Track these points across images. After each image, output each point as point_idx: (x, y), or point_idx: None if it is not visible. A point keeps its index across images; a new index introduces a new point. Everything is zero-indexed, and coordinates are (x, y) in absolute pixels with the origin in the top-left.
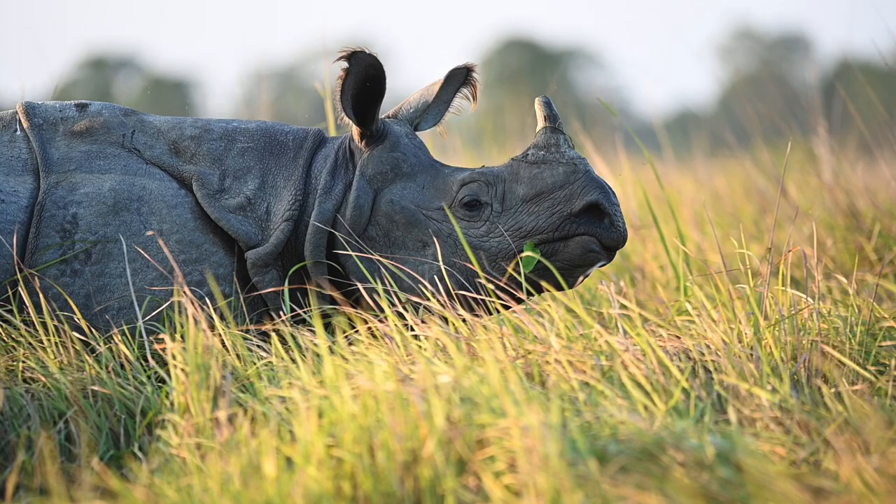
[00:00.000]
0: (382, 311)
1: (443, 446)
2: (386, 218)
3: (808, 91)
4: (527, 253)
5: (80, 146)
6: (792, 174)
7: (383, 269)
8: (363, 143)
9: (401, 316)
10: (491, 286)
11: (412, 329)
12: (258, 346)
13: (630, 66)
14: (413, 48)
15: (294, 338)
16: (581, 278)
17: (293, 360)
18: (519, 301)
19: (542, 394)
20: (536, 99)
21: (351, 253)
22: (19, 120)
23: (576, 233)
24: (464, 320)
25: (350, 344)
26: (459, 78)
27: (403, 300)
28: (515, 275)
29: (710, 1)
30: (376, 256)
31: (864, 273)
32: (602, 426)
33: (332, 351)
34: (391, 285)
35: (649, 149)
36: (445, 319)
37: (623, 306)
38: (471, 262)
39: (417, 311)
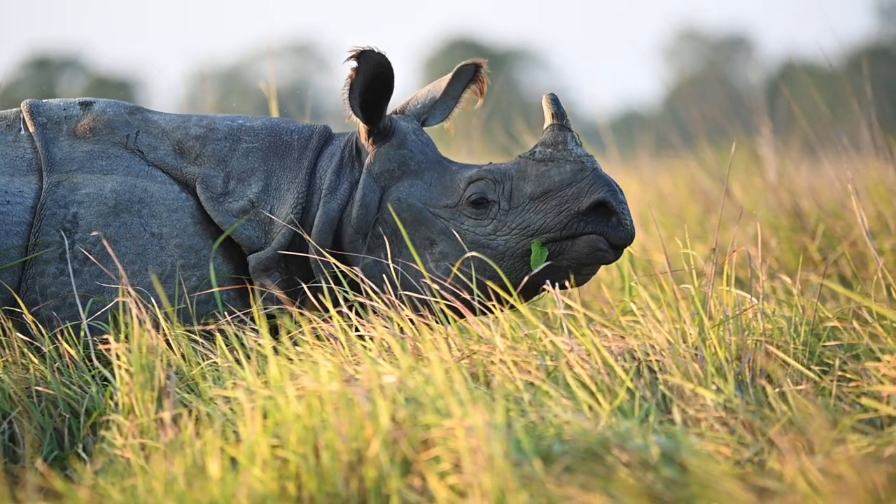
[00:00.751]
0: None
1: (388, 447)
2: (393, 216)
3: (752, 92)
4: (535, 251)
5: (83, 146)
6: (736, 174)
7: (390, 268)
8: (370, 140)
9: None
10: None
11: (357, 329)
12: (203, 346)
13: (575, 66)
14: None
15: (239, 338)
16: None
17: (238, 361)
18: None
19: (487, 394)
20: (544, 96)
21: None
22: (23, 119)
23: (583, 231)
24: (411, 321)
25: (295, 344)
26: (468, 74)
27: (403, 298)
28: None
29: (655, 2)
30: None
31: (808, 273)
32: (547, 426)
33: (276, 351)
34: (399, 284)
35: (594, 149)
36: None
37: (568, 306)
38: (478, 261)
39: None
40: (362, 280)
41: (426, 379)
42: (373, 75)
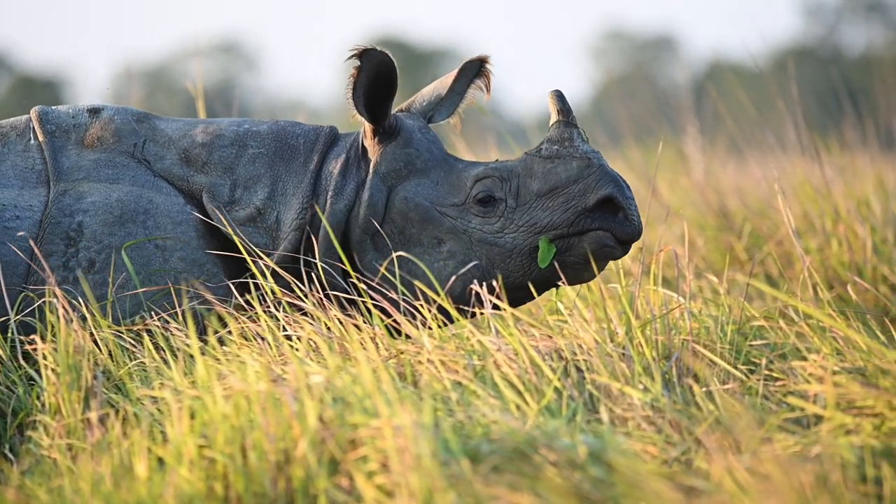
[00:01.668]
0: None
1: (315, 446)
2: (400, 215)
3: (678, 91)
4: (542, 248)
5: (90, 154)
6: (663, 174)
7: (398, 268)
8: (376, 139)
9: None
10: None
11: (285, 329)
12: (131, 346)
13: (502, 66)
14: (285, 48)
15: (166, 338)
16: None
17: (165, 361)
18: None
19: (414, 394)
20: (550, 92)
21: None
22: (33, 128)
23: (590, 227)
24: (338, 320)
25: (222, 344)
26: (473, 69)
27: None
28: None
29: (582, 2)
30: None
31: (734, 272)
32: (474, 426)
33: (203, 351)
34: (407, 283)
35: (522, 149)
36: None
37: (495, 306)
38: (486, 259)
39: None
40: (353, 283)
41: (354, 379)
42: (376, 74)
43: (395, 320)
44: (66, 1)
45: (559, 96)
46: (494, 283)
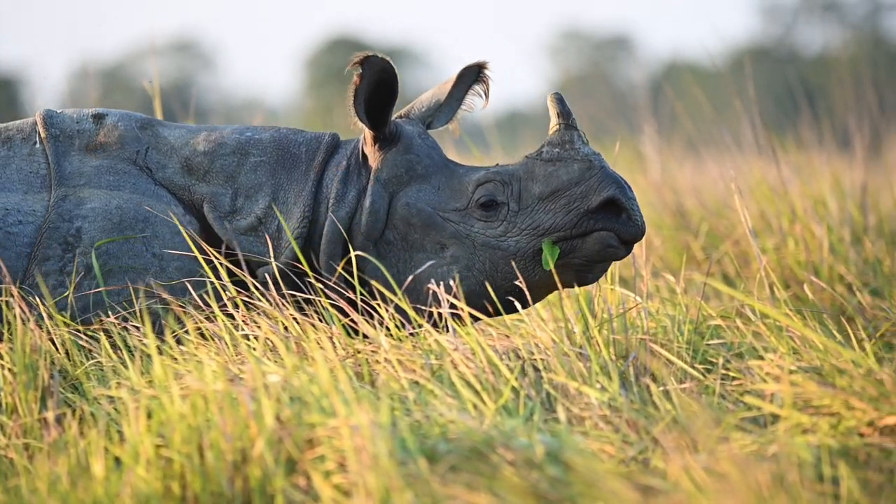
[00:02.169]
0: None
1: (272, 446)
2: (403, 221)
3: (636, 91)
4: (546, 251)
5: (93, 161)
6: (620, 173)
7: (401, 274)
8: (376, 146)
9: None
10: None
11: (242, 328)
12: (88, 345)
13: (458, 65)
14: (241, 47)
15: (123, 338)
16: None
17: (122, 360)
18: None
19: (371, 393)
20: (549, 95)
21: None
22: (38, 131)
23: (594, 229)
24: (295, 319)
25: (179, 343)
26: (472, 75)
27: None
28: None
29: (538, 1)
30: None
31: (691, 272)
32: (432, 425)
33: (160, 351)
34: (411, 289)
35: (479, 148)
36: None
37: (452, 305)
38: (490, 264)
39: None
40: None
41: (311, 378)
42: (377, 81)
43: (402, 324)
44: (21, 0)
45: (559, 99)
46: (452, 283)
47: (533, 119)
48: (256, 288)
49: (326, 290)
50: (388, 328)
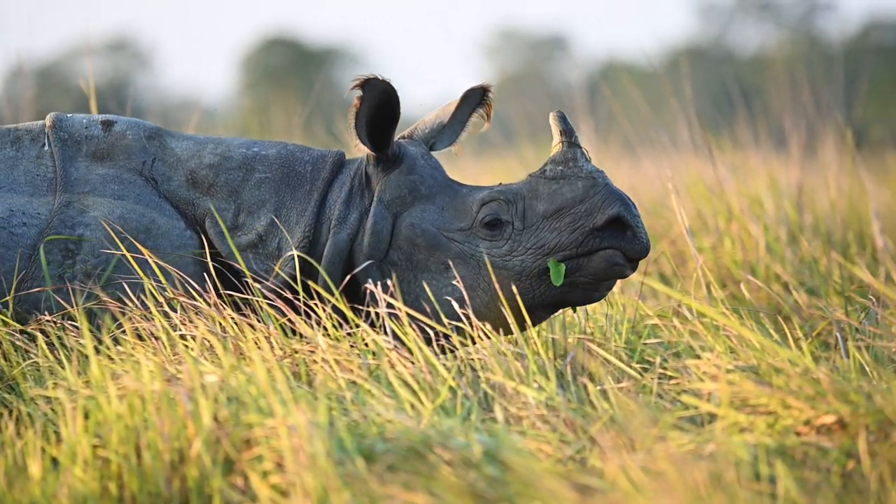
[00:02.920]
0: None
1: (210, 446)
2: (407, 242)
3: (572, 91)
4: (552, 269)
5: (99, 169)
6: None
7: (406, 294)
8: (379, 167)
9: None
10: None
11: (179, 329)
12: (24, 345)
13: (396, 65)
14: (178, 46)
15: (60, 338)
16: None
17: (59, 361)
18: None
19: (309, 393)
20: (551, 114)
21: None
22: (47, 134)
23: (599, 247)
24: (233, 320)
25: (117, 343)
26: (476, 98)
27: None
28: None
29: (475, 1)
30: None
31: None
32: (369, 425)
33: (97, 351)
34: (415, 309)
35: None
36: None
37: (390, 305)
38: (496, 283)
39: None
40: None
41: (248, 378)
42: (378, 103)
43: (393, 329)
44: None
45: (561, 117)
46: (389, 282)
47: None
48: (193, 288)
49: (264, 291)
50: (325, 328)
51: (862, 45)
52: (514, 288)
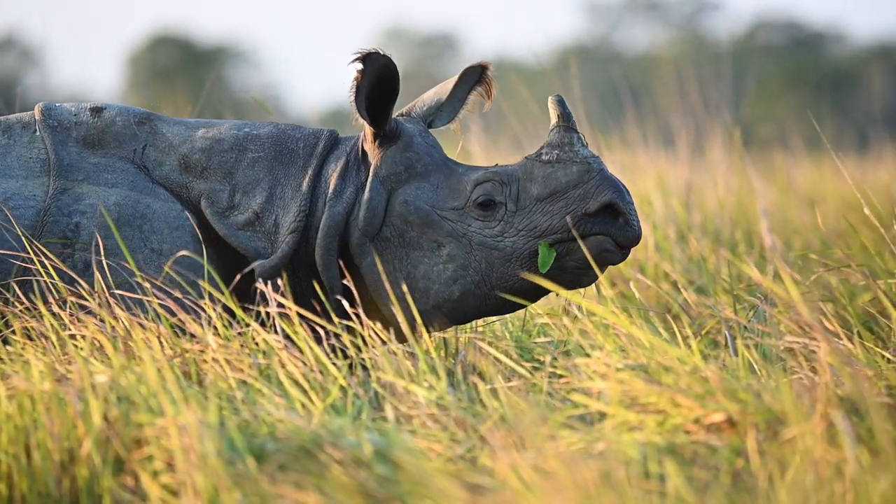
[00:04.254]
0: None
1: (100, 446)
2: (400, 219)
3: None
4: (542, 253)
5: (91, 157)
6: None
7: (397, 271)
8: (376, 143)
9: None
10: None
11: (69, 328)
12: None
13: (285, 64)
14: (66, 45)
15: None
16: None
17: None
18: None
19: (199, 393)
20: (550, 98)
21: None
22: (37, 121)
23: (590, 232)
24: (123, 320)
25: (6, 343)
26: (474, 76)
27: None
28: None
29: (364, 1)
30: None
31: None
32: (260, 425)
33: None
34: (407, 287)
35: None
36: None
37: (280, 304)
38: (486, 263)
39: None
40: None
41: (139, 378)
42: (378, 77)
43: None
44: None
45: (559, 101)
46: (279, 281)
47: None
48: (83, 288)
49: (156, 293)
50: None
51: (749, 44)
52: (504, 270)
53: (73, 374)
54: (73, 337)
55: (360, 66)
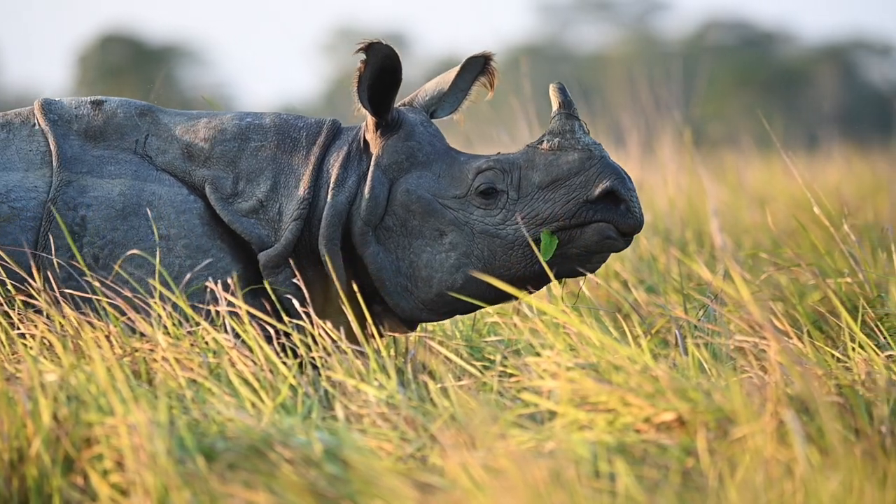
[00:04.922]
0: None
1: (49, 445)
2: (402, 207)
3: (412, 89)
4: (544, 241)
5: (93, 150)
6: None
7: (400, 260)
8: (378, 132)
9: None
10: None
11: (18, 327)
12: None
13: (235, 63)
14: (14, 44)
15: None
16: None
17: None
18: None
19: (149, 392)
20: (551, 85)
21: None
22: (37, 115)
23: (592, 220)
24: (72, 319)
25: None
26: (477, 66)
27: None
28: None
29: (315, 1)
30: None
31: None
32: (210, 424)
33: None
34: (409, 276)
35: None
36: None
37: (230, 303)
38: (488, 251)
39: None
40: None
41: (88, 377)
42: (381, 67)
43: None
44: None
45: (561, 89)
46: (230, 280)
47: (307, 115)
48: (30, 286)
49: (104, 289)
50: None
51: (699, 44)
52: (507, 257)
53: (22, 373)
54: (22, 336)
55: (363, 56)
